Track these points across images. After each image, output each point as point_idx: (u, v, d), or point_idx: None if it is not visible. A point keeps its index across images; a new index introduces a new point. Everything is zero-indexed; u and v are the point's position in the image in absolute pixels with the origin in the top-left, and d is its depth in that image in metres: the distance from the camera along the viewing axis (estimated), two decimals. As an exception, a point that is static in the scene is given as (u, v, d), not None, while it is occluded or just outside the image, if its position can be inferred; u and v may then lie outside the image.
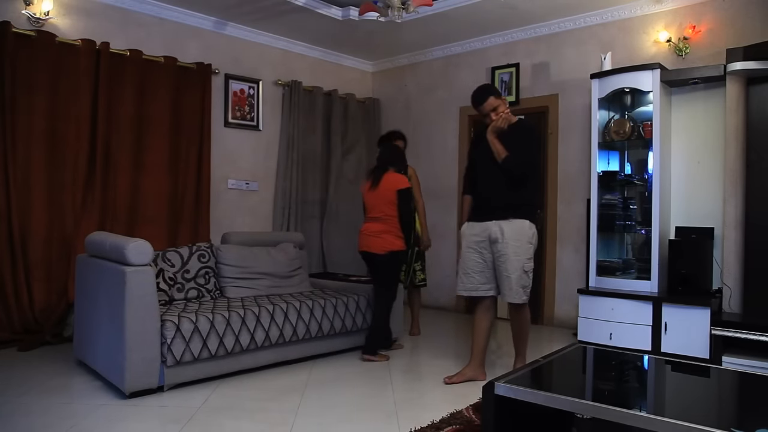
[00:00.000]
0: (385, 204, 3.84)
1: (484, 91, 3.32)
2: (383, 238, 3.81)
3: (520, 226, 3.21)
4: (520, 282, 3.20)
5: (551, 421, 2.23)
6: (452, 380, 3.26)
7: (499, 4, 4.67)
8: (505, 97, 3.36)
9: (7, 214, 3.94)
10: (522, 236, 3.20)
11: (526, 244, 3.21)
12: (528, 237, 3.22)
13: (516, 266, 3.18)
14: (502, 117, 3.24)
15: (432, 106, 6.03)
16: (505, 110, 3.28)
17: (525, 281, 3.22)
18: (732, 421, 1.85)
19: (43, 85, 4.10)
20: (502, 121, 3.23)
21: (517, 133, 3.25)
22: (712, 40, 4.20)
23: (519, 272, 3.19)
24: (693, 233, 4.08)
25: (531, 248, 3.24)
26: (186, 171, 4.86)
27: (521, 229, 3.21)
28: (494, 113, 3.27)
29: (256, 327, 3.35)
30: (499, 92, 3.36)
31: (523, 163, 3.20)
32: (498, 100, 3.28)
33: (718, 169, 4.06)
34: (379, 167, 3.97)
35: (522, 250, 3.20)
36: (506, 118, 3.24)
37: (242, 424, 2.63)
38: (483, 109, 3.29)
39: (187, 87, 4.87)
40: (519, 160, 3.19)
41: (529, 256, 3.23)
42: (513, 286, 3.19)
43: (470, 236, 3.34)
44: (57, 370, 3.38)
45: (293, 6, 4.81)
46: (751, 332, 3.35)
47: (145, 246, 3.01)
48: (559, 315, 5.03)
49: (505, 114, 3.25)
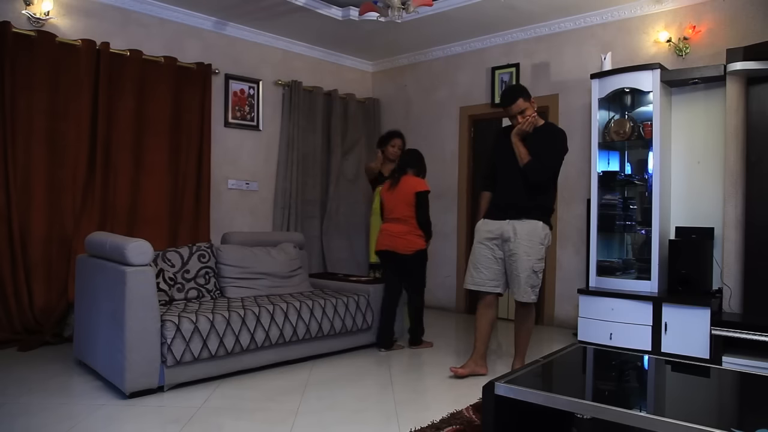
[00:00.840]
0: (404, 205, 3.99)
1: (514, 91, 3.32)
2: (407, 239, 3.98)
3: (533, 226, 3.25)
4: (529, 281, 3.25)
5: (551, 421, 2.23)
6: (458, 372, 3.33)
7: (499, 4, 4.67)
8: (534, 100, 3.36)
9: (7, 214, 3.94)
10: (534, 237, 3.24)
11: (537, 245, 3.25)
12: (540, 238, 3.26)
13: (526, 266, 3.23)
14: (528, 121, 3.25)
15: (432, 106, 6.03)
16: (533, 114, 3.28)
17: (534, 281, 3.27)
18: (732, 421, 1.85)
19: (43, 85, 4.10)
20: (528, 125, 3.25)
21: (542, 137, 3.27)
22: (712, 40, 4.20)
23: (528, 272, 3.24)
24: (693, 233, 4.08)
25: (542, 249, 3.28)
26: (186, 171, 4.86)
27: (534, 229, 3.25)
28: (521, 116, 3.27)
29: (256, 327, 3.35)
30: (529, 94, 3.34)
31: (544, 169, 3.23)
32: (526, 103, 3.28)
33: (718, 169, 4.06)
34: (399, 169, 4.12)
35: (533, 251, 3.24)
36: (532, 122, 3.26)
37: (242, 424, 2.63)
38: (511, 110, 3.30)
39: (187, 87, 4.87)
40: (541, 165, 3.21)
41: (539, 257, 3.27)
42: (522, 285, 3.24)
43: (484, 232, 3.38)
44: (57, 370, 3.38)
45: (293, 6, 4.81)
46: (751, 332, 3.35)
47: (145, 246, 3.01)
48: (559, 315, 5.03)
49: (532, 118, 3.27)
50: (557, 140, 3.30)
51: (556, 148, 3.29)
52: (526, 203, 3.27)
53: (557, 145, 3.30)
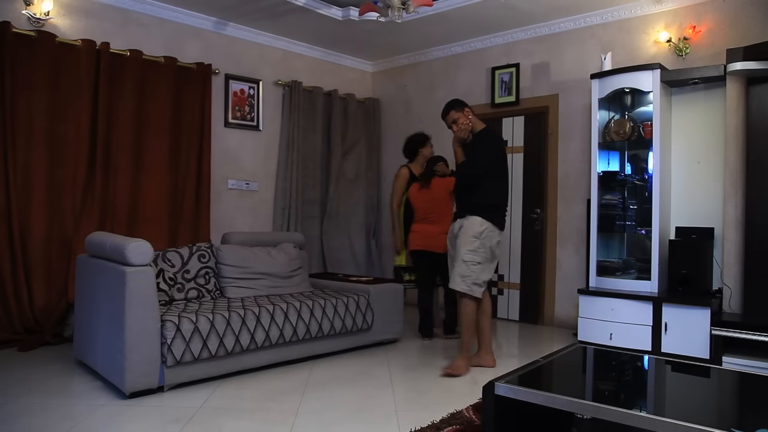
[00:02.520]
0: (438, 204, 4.34)
1: (447, 105, 3.70)
2: (442, 238, 4.10)
3: (471, 221, 3.51)
4: (459, 270, 3.47)
5: (551, 421, 2.23)
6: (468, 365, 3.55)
7: (499, 4, 4.67)
8: (468, 109, 3.65)
9: (7, 214, 3.94)
10: (469, 230, 3.49)
11: (470, 237, 3.48)
12: (474, 232, 3.48)
13: (458, 256, 3.50)
14: (461, 128, 3.59)
15: (432, 106, 6.01)
16: (466, 122, 3.59)
17: (464, 270, 3.45)
18: (732, 421, 1.85)
19: (43, 85, 4.10)
20: (462, 132, 3.59)
21: (478, 140, 3.59)
22: (712, 40, 4.20)
23: (459, 261, 3.48)
24: (693, 233, 4.08)
25: (475, 242, 3.48)
26: (186, 171, 4.86)
27: (471, 224, 3.51)
28: (455, 125, 3.62)
29: (256, 327, 3.35)
30: (463, 105, 3.66)
31: (473, 167, 3.52)
32: (459, 113, 3.62)
33: (718, 169, 4.06)
34: (429, 173, 4.43)
35: (466, 242, 3.48)
36: (466, 129, 3.59)
37: (242, 424, 2.63)
38: (446, 121, 3.68)
39: (187, 87, 4.87)
40: (470, 163, 3.53)
41: (470, 248, 3.46)
42: (453, 273, 3.51)
43: (449, 235, 3.72)
44: (57, 370, 3.38)
45: (293, 6, 4.81)
46: (751, 332, 3.35)
47: (145, 246, 3.01)
48: (559, 315, 5.03)
49: (465, 125, 3.58)
50: (488, 141, 3.59)
51: (487, 148, 3.56)
52: (469, 201, 3.56)
53: (488, 145, 3.58)
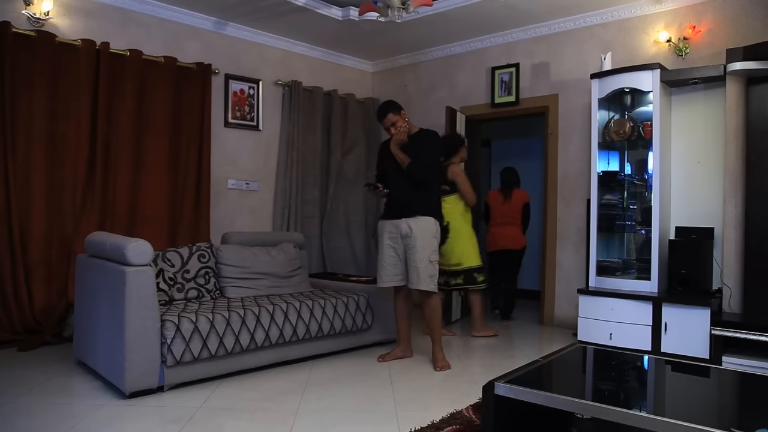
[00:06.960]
0: (515, 212, 5.22)
1: (384, 107, 3.70)
2: (518, 238, 5.23)
3: (426, 223, 3.59)
4: (427, 271, 3.56)
5: (551, 421, 2.23)
6: (385, 359, 3.76)
7: (499, 4, 4.67)
8: (404, 111, 3.73)
9: (7, 214, 3.94)
10: (428, 231, 3.59)
11: (431, 238, 3.60)
12: (433, 232, 3.61)
13: (423, 257, 3.55)
14: (400, 131, 3.64)
15: (432, 106, 6.03)
16: (403, 125, 3.65)
17: (431, 270, 3.58)
18: (732, 421, 1.85)
19: (43, 85, 4.10)
20: (401, 134, 3.64)
21: (418, 141, 3.65)
22: (712, 40, 4.20)
23: (425, 262, 3.56)
24: (693, 233, 4.08)
25: (435, 242, 3.64)
26: (186, 171, 4.86)
27: (427, 225, 3.59)
28: (393, 128, 3.65)
29: (256, 327, 3.35)
30: (399, 108, 3.70)
31: (425, 166, 3.58)
32: (396, 116, 3.65)
33: (718, 169, 4.06)
34: (509, 185, 5.29)
35: (428, 243, 3.58)
36: (404, 131, 3.65)
37: (242, 424, 2.63)
38: (383, 125, 3.71)
39: (187, 87, 4.87)
40: (421, 164, 3.57)
41: (433, 249, 3.61)
42: (421, 274, 3.56)
43: (386, 233, 3.70)
44: (57, 370, 3.38)
45: (293, 6, 4.81)
46: (751, 332, 3.35)
47: (145, 246, 3.01)
48: (559, 315, 5.03)
49: (402, 128, 3.64)
50: (430, 140, 3.66)
51: (431, 147, 3.64)
52: (416, 201, 3.61)
53: (431, 144, 3.65)
